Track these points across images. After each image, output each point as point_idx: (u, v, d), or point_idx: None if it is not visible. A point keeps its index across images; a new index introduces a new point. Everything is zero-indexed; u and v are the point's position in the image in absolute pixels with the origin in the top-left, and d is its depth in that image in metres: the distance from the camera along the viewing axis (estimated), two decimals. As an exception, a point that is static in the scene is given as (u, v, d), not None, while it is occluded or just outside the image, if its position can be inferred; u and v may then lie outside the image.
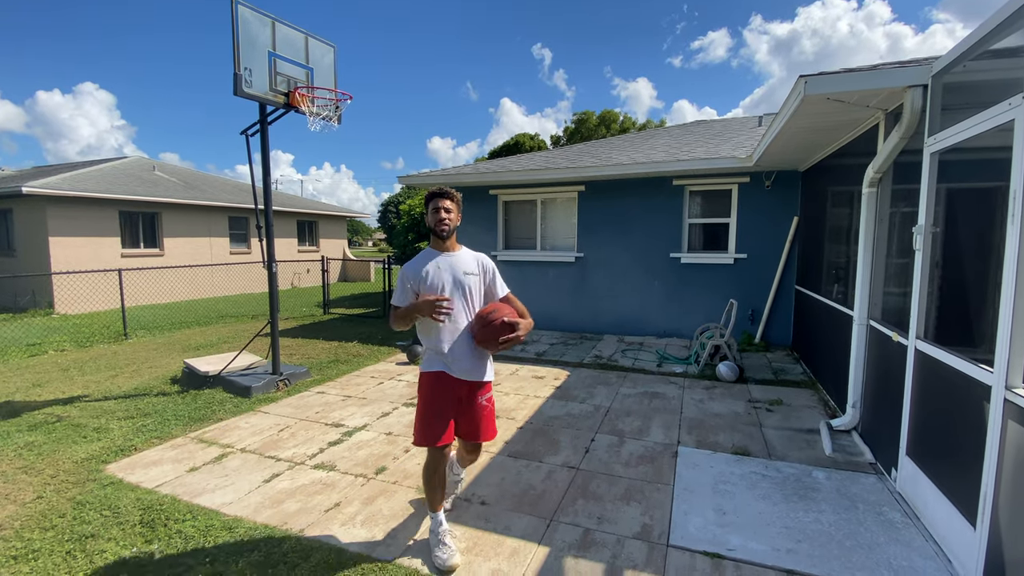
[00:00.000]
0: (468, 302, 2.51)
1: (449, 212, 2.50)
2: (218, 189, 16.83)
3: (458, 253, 2.58)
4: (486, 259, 2.68)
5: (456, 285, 2.48)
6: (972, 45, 2.51)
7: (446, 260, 2.52)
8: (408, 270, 2.51)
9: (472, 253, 2.64)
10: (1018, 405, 1.95)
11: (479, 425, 2.55)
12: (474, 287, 2.54)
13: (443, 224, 2.49)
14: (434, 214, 2.51)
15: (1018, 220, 1.99)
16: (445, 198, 2.52)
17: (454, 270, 2.50)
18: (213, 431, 4.19)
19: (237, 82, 4.62)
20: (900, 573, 2.35)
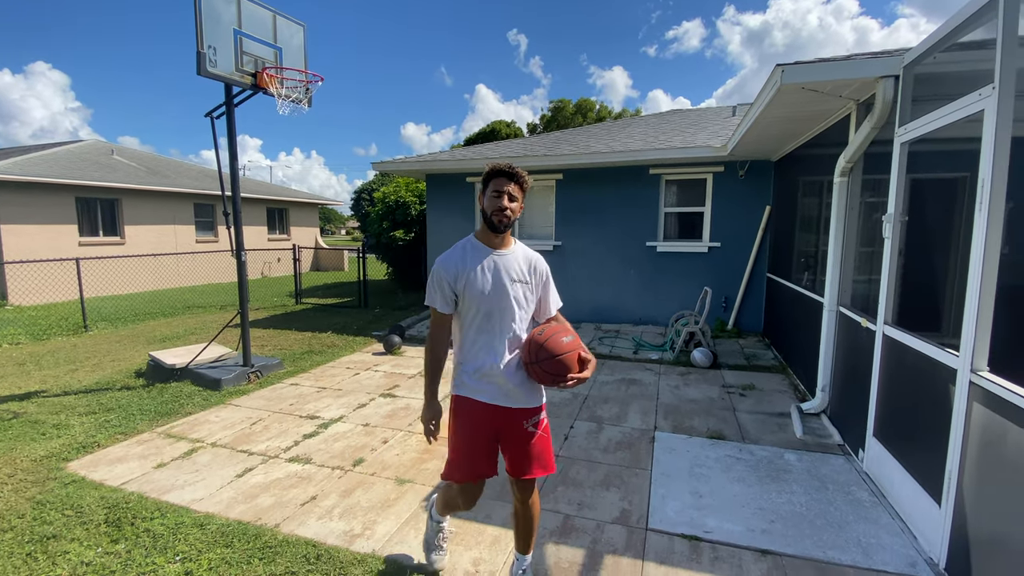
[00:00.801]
0: (516, 317, 1.98)
1: (514, 200, 1.94)
2: (182, 175, 16.21)
3: (510, 251, 2.01)
4: (540, 260, 2.10)
5: (504, 294, 1.95)
6: (943, 37, 2.56)
7: (499, 260, 1.97)
8: (446, 269, 1.96)
9: (524, 250, 2.07)
10: (983, 387, 2.03)
11: (530, 455, 2.00)
12: (522, 298, 2.00)
13: (503, 215, 1.91)
14: (494, 199, 1.92)
15: (985, 208, 2.05)
16: (511, 180, 1.93)
17: (502, 273, 1.96)
18: (181, 426, 4.05)
19: (200, 61, 4.41)
20: (868, 550, 2.44)
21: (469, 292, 1.93)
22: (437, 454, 3.51)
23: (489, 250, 1.98)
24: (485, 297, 1.93)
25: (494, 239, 1.99)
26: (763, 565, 2.35)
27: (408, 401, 4.59)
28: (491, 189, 1.95)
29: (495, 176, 1.95)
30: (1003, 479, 1.93)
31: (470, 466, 1.99)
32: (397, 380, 5.23)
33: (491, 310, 1.94)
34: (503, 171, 1.94)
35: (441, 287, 1.96)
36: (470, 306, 1.95)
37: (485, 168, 1.96)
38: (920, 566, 2.32)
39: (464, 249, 2.00)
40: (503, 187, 1.93)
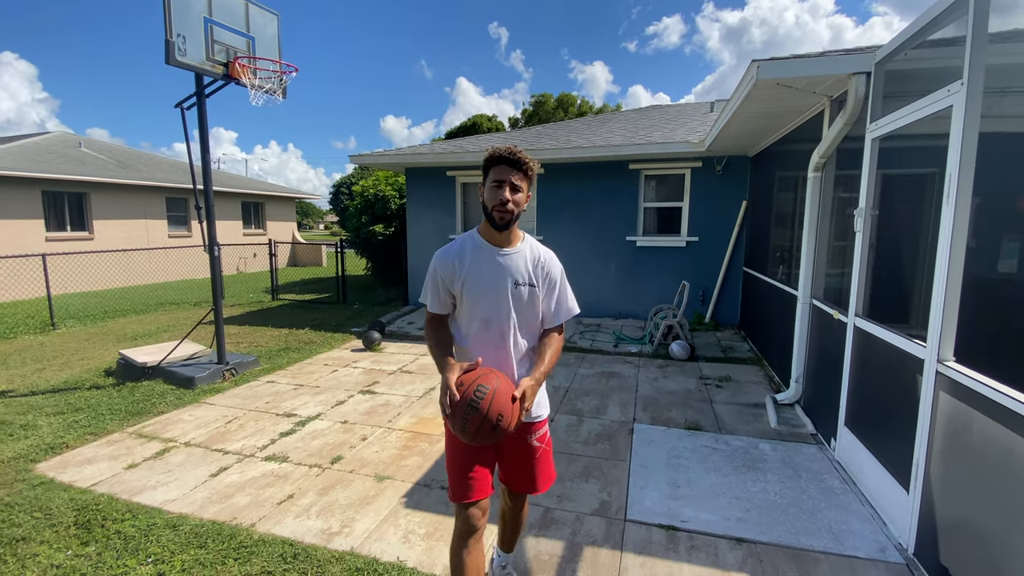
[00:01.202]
0: (521, 325, 1.77)
1: (517, 191, 1.66)
2: (154, 168, 15.75)
3: (516, 250, 1.76)
4: (551, 258, 1.84)
5: (506, 300, 1.73)
6: (913, 34, 2.61)
7: (503, 260, 1.73)
8: (443, 265, 1.75)
9: (533, 248, 1.81)
10: (949, 377, 2.09)
11: (530, 470, 1.87)
12: (527, 303, 1.76)
13: (505, 209, 1.64)
14: (495, 190, 1.65)
15: (953, 201, 2.11)
16: (515, 168, 1.65)
17: (504, 276, 1.73)
18: (153, 425, 3.94)
19: (169, 50, 4.27)
20: (840, 536, 2.50)
21: (467, 296, 1.72)
22: (417, 450, 3.49)
23: (492, 248, 1.74)
24: (485, 303, 1.71)
25: (498, 236, 1.73)
26: (738, 553, 2.39)
27: (388, 397, 4.55)
28: (491, 179, 1.67)
29: (495, 163, 1.67)
30: (968, 466, 2.00)
31: (459, 482, 1.76)
32: (377, 376, 5.18)
33: (490, 318, 1.73)
34: (504, 157, 1.65)
35: (436, 286, 1.76)
36: (468, 311, 1.74)
37: (485, 154, 1.70)
38: (889, 551, 2.38)
39: (464, 246, 1.77)
40: (505, 176, 1.64)
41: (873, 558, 2.34)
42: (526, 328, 1.79)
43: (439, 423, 3.96)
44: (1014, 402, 1.69)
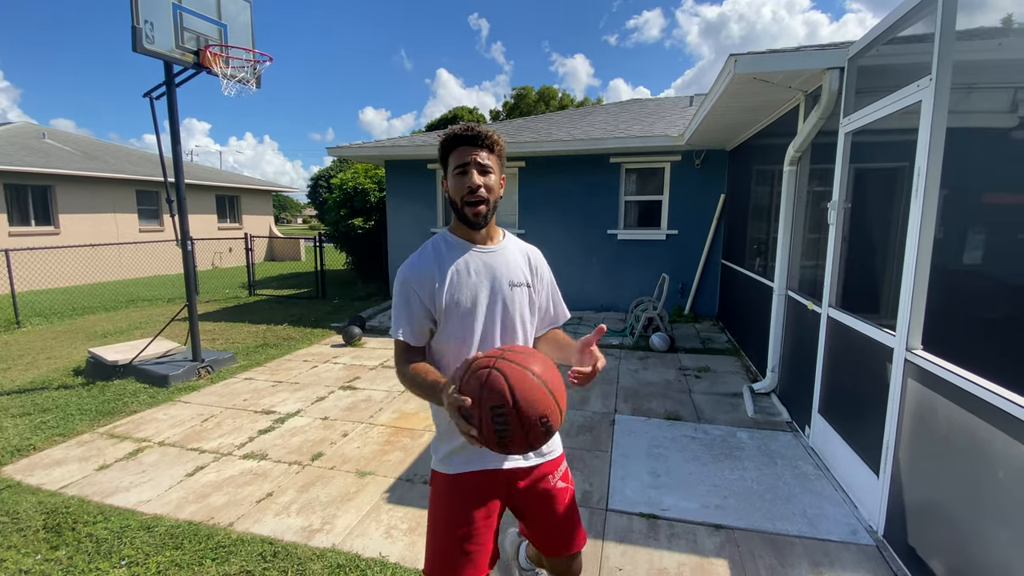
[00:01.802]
0: (522, 336, 1.46)
1: (487, 172, 1.35)
2: (123, 160, 15.27)
3: (500, 247, 1.47)
4: (538, 254, 1.59)
5: (505, 307, 1.42)
6: (885, 30, 2.67)
7: (482, 258, 1.42)
8: (418, 279, 1.38)
9: (519, 245, 1.54)
10: (917, 365, 2.16)
11: (568, 520, 1.49)
12: (527, 309, 1.47)
13: (476, 198, 1.34)
14: (459, 177, 1.35)
15: (921, 195, 2.16)
16: (477, 145, 1.35)
17: (495, 277, 1.41)
18: (125, 425, 3.84)
19: (136, 37, 4.12)
20: (814, 520, 2.58)
21: (452, 310, 1.36)
22: (399, 445, 3.47)
23: (471, 246, 1.42)
24: (479, 313, 1.38)
25: (476, 233, 1.42)
26: (716, 539, 2.44)
27: (369, 393, 4.51)
28: (452, 166, 1.36)
29: (453, 145, 1.36)
30: (934, 450, 2.07)
31: (449, 564, 1.38)
32: (357, 372, 5.13)
33: (488, 332, 1.39)
34: (461, 136, 1.35)
35: (410, 308, 1.37)
36: (456, 329, 1.37)
37: (439, 139, 1.40)
38: (860, 533, 2.46)
39: (438, 249, 1.42)
40: (468, 157, 1.33)
41: (845, 540, 2.41)
42: (524, 338, 1.47)
43: (421, 418, 3.94)
44: (977, 388, 1.75)
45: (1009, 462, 1.64)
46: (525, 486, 1.45)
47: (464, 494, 1.41)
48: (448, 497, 1.42)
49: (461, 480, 1.41)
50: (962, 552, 1.87)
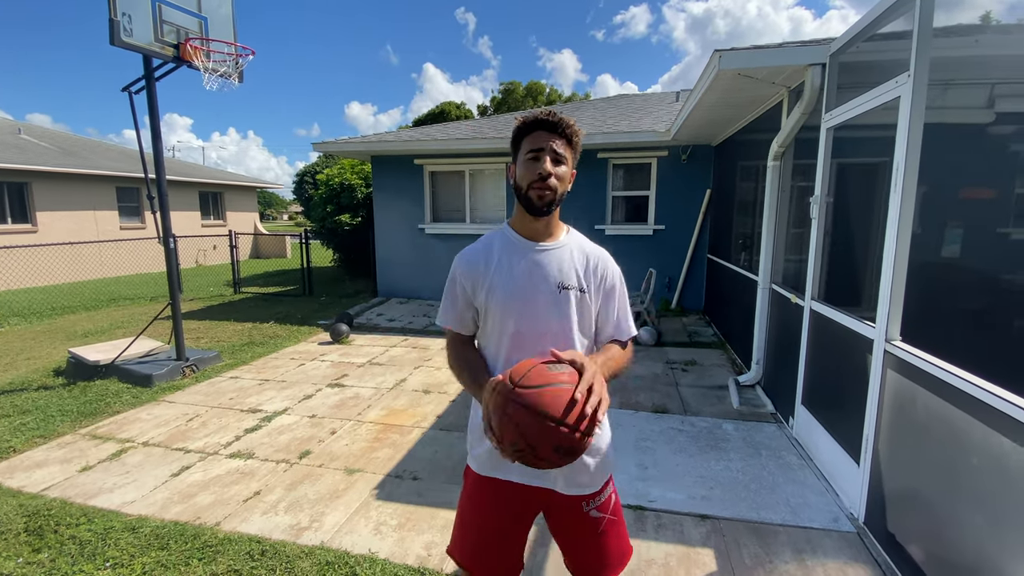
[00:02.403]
0: (558, 335, 1.32)
1: (560, 163, 1.28)
2: (102, 156, 14.95)
3: (557, 245, 1.36)
4: (604, 257, 1.41)
5: (545, 309, 1.31)
6: (865, 27, 2.70)
7: (541, 258, 1.33)
8: (465, 271, 1.37)
9: (581, 243, 1.41)
10: (896, 356, 2.20)
11: (600, 552, 1.41)
12: (574, 313, 1.33)
13: (546, 185, 1.26)
14: (530, 163, 1.28)
15: (899, 189, 2.21)
16: (556, 132, 1.28)
17: (543, 278, 1.32)
18: (108, 425, 3.79)
19: (114, 29, 4.03)
20: (797, 509, 2.63)
21: (494, 306, 1.32)
22: (388, 442, 3.46)
23: (528, 244, 1.34)
24: (517, 313, 1.30)
25: (535, 226, 1.33)
26: (703, 529, 2.48)
27: (357, 390, 4.49)
28: (525, 149, 1.29)
29: (530, 129, 1.29)
30: (913, 439, 2.12)
31: (475, 552, 1.40)
32: (346, 369, 5.10)
33: (524, 332, 1.31)
34: (542, 120, 1.28)
35: (454, 296, 1.38)
36: (496, 327, 1.34)
37: (515, 123, 1.33)
38: (842, 521, 2.52)
39: (491, 243, 1.38)
40: (544, 143, 1.26)
41: (827, 528, 2.47)
42: (574, 346, 1.32)
43: (411, 415, 3.94)
44: (954, 378, 1.80)
45: (984, 450, 1.68)
46: (556, 506, 1.39)
47: (491, 497, 1.38)
48: (475, 495, 1.42)
49: (488, 482, 1.39)
50: (939, 537, 1.92)
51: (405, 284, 9.00)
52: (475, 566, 1.41)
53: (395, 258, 8.99)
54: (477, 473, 1.41)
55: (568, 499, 1.36)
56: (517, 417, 1.05)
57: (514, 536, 1.41)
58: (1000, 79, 2.48)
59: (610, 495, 1.43)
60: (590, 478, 1.37)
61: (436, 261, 8.70)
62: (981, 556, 1.69)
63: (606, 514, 1.40)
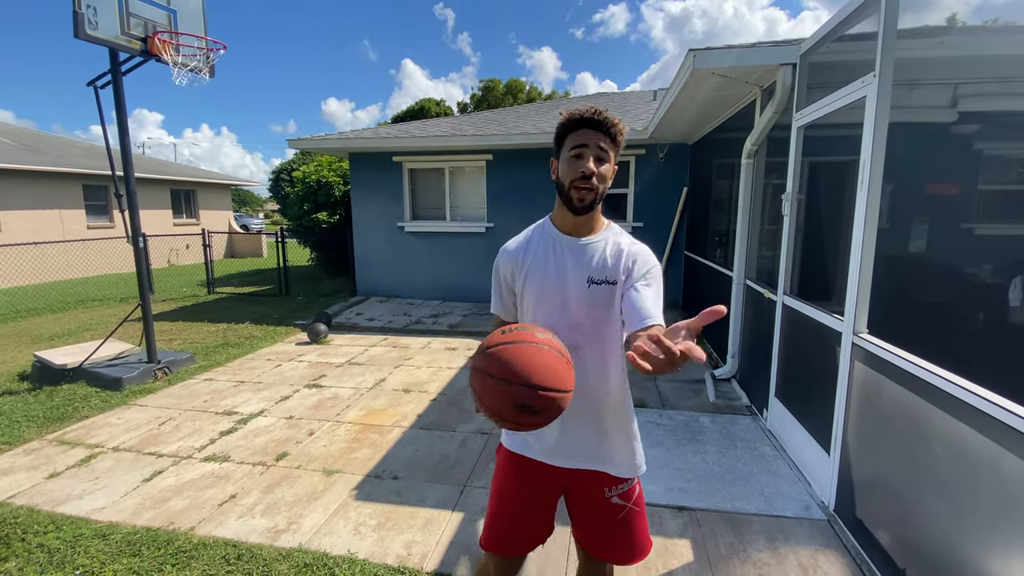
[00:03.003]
0: (596, 334, 1.36)
1: (604, 161, 1.30)
2: (68, 152, 14.46)
3: (594, 240, 1.38)
4: (641, 252, 1.38)
5: (575, 302, 1.35)
6: (833, 28, 2.77)
7: (569, 251, 1.37)
8: (504, 260, 1.45)
9: (619, 238, 1.41)
10: (863, 348, 2.27)
11: (610, 534, 1.44)
12: (600, 304, 1.34)
13: (588, 184, 1.29)
14: (574, 161, 1.30)
15: (866, 186, 2.27)
16: (600, 131, 1.29)
17: (575, 272, 1.35)
18: (77, 431, 3.67)
19: (78, 22, 3.90)
20: (771, 499, 2.69)
21: (527, 295, 1.39)
22: (367, 442, 3.44)
23: (565, 238, 1.38)
24: (546, 305, 1.36)
25: (575, 221, 1.36)
26: (680, 520, 2.53)
27: (336, 391, 4.44)
28: (568, 146, 1.31)
29: (574, 127, 1.30)
30: (879, 428, 2.19)
31: (495, 532, 1.47)
32: (324, 370, 5.04)
33: (555, 324, 1.32)
34: (587, 119, 1.29)
35: (498, 284, 1.47)
36: (529, 315, 1.41)
37: (560, 118, 1.34)
38: (813, 509, 2.59)
39: (532, 234, 1.45)
40: (588, 141, 1.28)
41: (799, 516, 2.54)
42: (600, 341, 1.34)
43: (391, 414, 3.92)
44: (917, 368, 1.87)
45: (946, 438, 1.75)
46: (579, 486, 1.43)
47: (518, 473, 1.45)
48: (504, 471, 1.49)
49: (516, 459, 1.45)
50: (905, 522, 1.99)
51: (385, 283, 8.92)
52: (498, 546, 1.47)
53: (374, 257, 8.91)
54: (507, 449, 1.49)
55: (586, 477, 1.40)
56: (474, 381, 1.12)
57: (535, 513, 1.46)
58: (963, 79, 2.57)
59: (635, 486, 1.46)
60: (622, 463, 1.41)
61: (416, 259, 8.65)
62: (944, 540, 1.76)
63: (628, 503, 1.43)
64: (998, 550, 1.54)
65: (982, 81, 2.58)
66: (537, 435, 1.40)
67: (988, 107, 2.58)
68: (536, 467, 1.42)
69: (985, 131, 2.61)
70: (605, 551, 1.45)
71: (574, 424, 1.36)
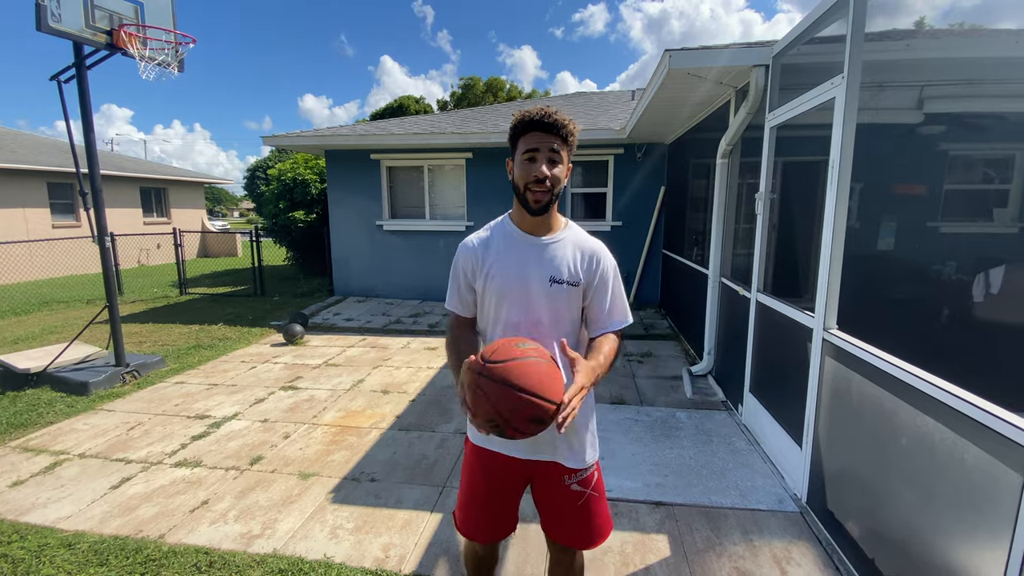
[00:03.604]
0: (549, 326, 1.40)
1: (557, 163, 1.34)
2: (31, 149, 13.92)
3: (554, 239, 1.43)
4: (600, 251, 1.47)
5: (537, 301, 1.39)
6: (803, 31, 2.83)
7: (529, 250, 1.42)
8: (462, 253, 1.48)
9: (578, 237, 1.47)
10: (833, 343, 2.33)
11: (574, 520, 1.50)
12: (562, 303, 1.40)
13: (542, 187, 1.34)
14: (527, 164, 1.34)
15: (835, 186, 2.33)
16: (551, 132, 1.33)
17: (536, 271, 1.39)
18: (41, 437, 3.54)
19: (40, 15, 3.76)
20: (745, 493, 2.74)
21: (489, 293, 1.41)
22: (344, 445, 3.39)
23: (526, 237, 1.42)
24: (510, 303, 1.39)
25: (533, 221, 1.41)
26: (657, 515, 2.55)
27: (312, 392, 4.37)
28: (521, 150, 1.35)
29: (525, 130, 1.34)
30: (849, 421, 2.25)
31: (469, 519, 1.55)
32: (299, 371, 4.95)
33: (518, 322, 1.39)
34: (537, 121, 1.32)
35: (457, 279, 1.48)
36: (491, 314, 1.43)
37: (512, 120, 1.38)
38: (786, 502, 2.65)
39: (492, 233, 1.47)
40: (539, 144, 1.32)
41: (772, 509, 2.59)
42: (561, 338, 1.36)
43: (369, 415, 3.87)
44: (883, 363, 1.92)
45: (911, 430, 1.80)
46: (540, 475, 1.49)
47: (483, 465, 1.51)
48: (471, 462, 1.55)
49: (480, 452, 1.50)
50: (873, 513, 2.05)
51: (363, 282, 8.82)
52: (473, 531, 1.55)
53: (352, 256, 8.79)
54: (472, 443, 1.54)
55: (549, 468, 1.47)
56: (487, 389, 1.14)
57: (502, 502, 1.53)
58: (928, 81, 2.66)
59: (593, 472, 1.51)
60: (579, 455, 1.47)
61: (395, 258, 8.56)
62: (911, 529, 1.82)
63: (587, 489, 1.49)
64: (962, 539, 1.59)
65: (947, 84, 2.67)
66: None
67: (953, 108, 2.67)
68: (499, 459, 1.48)
69: (950, 132, 2.70)
70: (568, 537, 1.52)
71: None
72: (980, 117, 2.63)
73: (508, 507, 1.54)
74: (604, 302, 1.45)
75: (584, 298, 1.44)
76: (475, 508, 1.54)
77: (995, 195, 2.54)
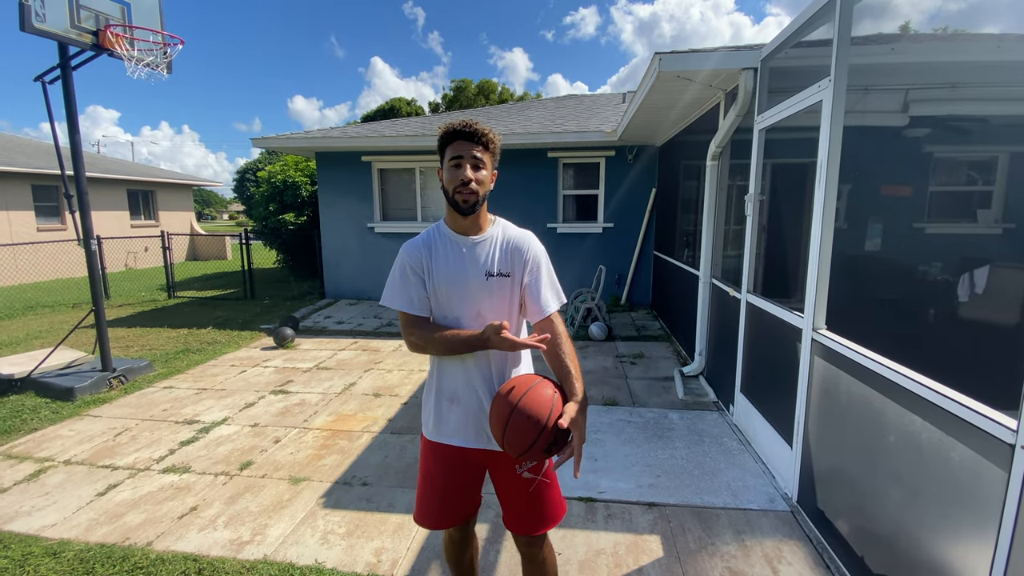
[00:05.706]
0: (494, 318, 1.52)
1: (480, 168, 1.48)
2: (15, 151, 13.71)
3: (484, 237, 1.56)
4: (529, 242, 1.61)
5: (474, 296, 1.52)
6: (791, 34, 2.86)
7: (463, 249, 1.53)
8: (411, 254, 1.54)
9: (507, 232, 1.61)
10: (822, 343, 2.35)
11: (528, 507, 1.57)
12: (499, 299, 1.54)
13: (467, 190, 1.46)
14: (453, 170, 1.47)
15: (823, 187, 2.35)
16: (473, 141, 1.47)
17: (472, 267, 1.52)
18: (25, 444, 3.48)
19: (24, 14, 3.71)
20: (737, 492, 2.76)
21: (435, 291, 1.52)
22: (335, 449, 3.37)
23: (459, 238, 1.53)
24: (453, 301, 1.51)
25: (464, 223, 1.52)
26: (650, 516, 2.56)
27: (303, 396, 4.34)
28: (448, 157, 1.48)
29: (450, 140, 1.48)
30: (838, 421, 2.27)
31: (427, 509, 1.63)
32: (290, 375, 4.91)
33: (459, 316, 1.52)
34: (459, 131, 1.46)
35: (405, 278, 1.53)
36: (440, 310, 1.54)
37: (439, 131, 1.52)
38: (777, 501, 2.66)
39: (431, 235, 1.57)
40: (464, 152, 1.46)
41: (764, 508, 2.60)
42: (509, 324, 1.48)
43: (360, 419, 3.85)
44: (871, 362, 1.94)
45: (898, 428, 1.82)
46: (495, 465, 1.59)
47: (437, 458, 1.60)
48: (426, 458, 1.63)
49: (434, 446, 1.60)
50: (862, 511, 2.07)
51: (354, 285, 8.77)
52: (432, 521, 1.63)
53: (343, 258, 8.75)
54: (426, 438, 1.63)
55: (504, 459, 1.55)
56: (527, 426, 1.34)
57: (462, 489, 1.61)
58: (913, 85, 2.69)
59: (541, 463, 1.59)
60: None
61: (387, 261, 8.48)
62: (899, 526, 1.83)
63: (538, 476, 1.58)
64: (949, 535, 1.61)
65: (932, 87, 2.70)
66: (446, 420, 1.56)
67: (938, 111, 2.71)
68: (452, 450, 1.58)
69: (935, 135, 2.74)
70: (520, 523, 1.59)
71: (482, 407, 1.52)
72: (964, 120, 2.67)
73: (468, 493, 1.63)
74: (539, 287, 1.56)
75: (520, 286, 1.56)
76: (432, 498, 1.61)
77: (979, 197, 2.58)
